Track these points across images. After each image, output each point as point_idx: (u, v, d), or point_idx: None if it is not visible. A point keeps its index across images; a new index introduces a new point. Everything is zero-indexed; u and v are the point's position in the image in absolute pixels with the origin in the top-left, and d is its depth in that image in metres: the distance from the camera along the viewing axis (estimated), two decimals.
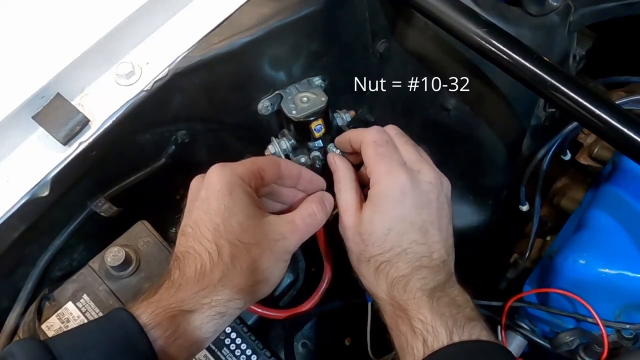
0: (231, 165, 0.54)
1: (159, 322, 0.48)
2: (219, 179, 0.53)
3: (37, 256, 0.60)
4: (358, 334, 0.83)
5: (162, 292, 0.50)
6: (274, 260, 0.53)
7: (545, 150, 0.78)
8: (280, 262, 0.54)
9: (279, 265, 0.54)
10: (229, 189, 0.52)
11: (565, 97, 0.57)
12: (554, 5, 0.71)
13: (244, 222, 0.51)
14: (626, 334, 0.68)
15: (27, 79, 0.54)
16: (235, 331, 0.62)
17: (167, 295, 0.49)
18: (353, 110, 0.72)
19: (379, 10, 0.73)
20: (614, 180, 0.75)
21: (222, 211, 0.51)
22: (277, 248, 0.53)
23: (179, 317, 0.48)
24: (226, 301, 0.50)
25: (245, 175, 0.54)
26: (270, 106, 0.68)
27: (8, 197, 0.54)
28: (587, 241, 0.71)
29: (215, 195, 0.52)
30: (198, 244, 0.51)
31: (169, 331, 0.48)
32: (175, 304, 0.49)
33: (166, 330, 0.47)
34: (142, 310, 0.48)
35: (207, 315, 0.50)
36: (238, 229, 0.51)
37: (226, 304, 0.50)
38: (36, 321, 0.58)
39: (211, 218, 0.51)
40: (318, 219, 0.57)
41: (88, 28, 0.57)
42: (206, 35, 0.60)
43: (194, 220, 0.52)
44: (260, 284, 0.53)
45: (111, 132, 0.57)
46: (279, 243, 0.53)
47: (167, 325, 0.48)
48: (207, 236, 0.51)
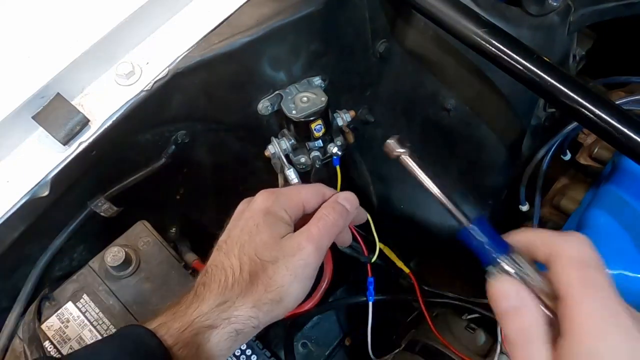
0: (277, 192, 0.56)
1: (181, 340, 0.48)
2: (262, 202, 0.54)
3: (37, 256, 0.60)
4: (358, 334, 0.83)
5: (184, 304, 0.51)
6: (289, 278, 0.51)
7: (545, 150, 0.78)
8: (297, 281, 0.52)
9: (295, 284, 0.52)
10: (265, 212, 0.54)
11: (565, 97, 0.57)
12: (554, 5, 0.71)
13: (266, 241, 0.52)
14: None
15: (27, 79, 0.54)
16: None
17: (190, 310, 0.50)
18: (353, 110, 0.72)
19: (379, 10, 0.73)
20: (614, 180, 0.75)
21: (251, 230, 0.53)
22: (293, 264, 0.52)
23: (200, 335, 0.49)
24: (244, 319, 0.50)
25: (287, 205, 0.55)
26: (270, 106, 0.68)
27: (8, 197, 0.54)
28: None
29: (253, 216, 0.54)
30: (226, 259, 0.52)
31: (192, 350, 0.48)
32: (197, 319, 0.49)
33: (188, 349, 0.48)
34: (162, 327, 0.49)
35: (226, 331, 0.50)
36: (260, 247, 0.52)
37: (244, 322, 0.50)
38: (36, 321, 0.58)
39: (241, 236, 0.53)
40: (330, 219, 0.55)
41: (88, 28, 0.57)
42: (206, 35, 0.60)
43: (229, 237, 0.54)
44: (274, 304, 0.52)
45: (111, 132, 0.57)
46: (295, 258, 0.52)
47: (189, 343, 0.48)
48: (234, 252, 0.52)
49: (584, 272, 0.35)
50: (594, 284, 0.35)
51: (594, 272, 0.35)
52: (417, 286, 0.82)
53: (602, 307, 0.34)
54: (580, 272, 0.35)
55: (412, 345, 0.85)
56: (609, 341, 0.33)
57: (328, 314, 1.10)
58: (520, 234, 0.40)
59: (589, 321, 0.34)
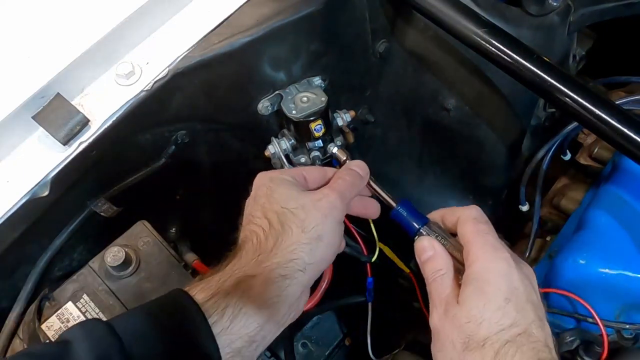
0: (274, 170, 0.59)
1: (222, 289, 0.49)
2: (262, 177, 0.57)
3: (37, 256, 0.60)
4: (358, 334, 0.83)
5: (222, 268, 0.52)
6: (322, 217, 0.53)
7: (545, 151, 0.78)
8: (330, 219, 0.54)
9: (329, 222, 0.53)
10: (271, 179, 0.56)
11: (565, 97, 0.57)
12: (554, 5, 0.71)
13: (285, 193, 0.55)
14: (626, 334, 0.68)
15: (27, 79, 0.54)
16: None
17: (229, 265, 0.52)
18: (353, 110, 0.72)
19: (379, 10, 0.73)
20: (614, 180, 0.75)
21: (265, 193, 0.55)
22: (322, 205, 0.54)
23: (243, 282, 0.49)
24: (285, 262, 0.51)
25: (287, 173, 0.57)
26: (270, 106, 0.68)
27: (8, 197, 0.54)
28: (587, 241, 0.71)
29: (260, 187, 0.56)
30: (253, 225, 0.54)
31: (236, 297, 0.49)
32: (237, 270, 0.51)
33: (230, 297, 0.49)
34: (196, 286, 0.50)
35: (270, 277, 0.50)
36: (281, 199, 0.54)
37: (286, 266, 0.51)
38: (36, 321, 0.58)
39: (258, 202, 0.55)
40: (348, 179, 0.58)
41: (88, 28, 0.57)
42: (206, 35, 0.60)
43: (247, 213, 0.56)
44: (315, 242, 0.52)
45: (111, 132, 0.57)
46: (322, 201, 0.54)
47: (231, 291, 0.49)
48: (258, 215, 0.54)
49: (477, 225, 0.53)
50: (483, 231, 0.52)
51: (483, 225, 0.53)
52: (417, 286, 0.82)
53: (489, 244, 0.51)
54: (474, 226, 0.53)
55: (412, 345, 0.85)
56: (494, 262, 0.50)
57: (328, 314, 1.10)
58: (436, 211, 0.58)
59: (480, 252, 0.50)
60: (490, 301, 0.47)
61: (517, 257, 0.51)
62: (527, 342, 0.46)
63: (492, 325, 0.47)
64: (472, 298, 0.48)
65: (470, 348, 0.47)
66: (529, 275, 0.51)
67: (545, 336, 0.47)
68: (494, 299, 0.47)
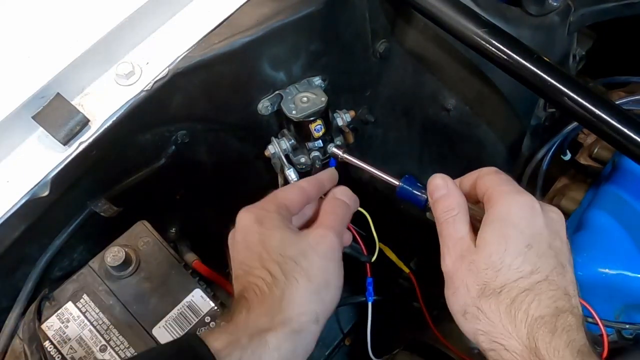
0: (255, 205, 0.55)
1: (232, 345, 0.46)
2: (247, 218, 0.53)
3: (37, 256, 0.60)
4: (358, 334, 0.83)
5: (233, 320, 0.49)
6: (325, 262, 0.51)
7: (545, 150, 0.78)
8: (332, 263, 0.52)
9: (332, 266, 0.52)
10: (258, 221, 0.53)
11: (565, 97, 0.57)
12: (554, 5, 0.71)
13: (283, 240, 0.52)
14: (626, 334, 0.68)
15: (27, 79, 0.54)
16: None
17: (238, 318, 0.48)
18: (353, 110, 0.72)
19: (379, 10, 0.73)
20: (614, 180, 0.75)
21: (259, 240, 0.52)
22: (322, 249, 0.52)
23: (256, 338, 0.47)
24: (297, 316, 0.49)
25: (271, 209, 0.54)
26: (270, 106, 0.68)
27: (8, 197, 0.54)
28: (587, 241, 0.71)
29: (249, 232, 0.53)
30: (251, 277, 0.51)
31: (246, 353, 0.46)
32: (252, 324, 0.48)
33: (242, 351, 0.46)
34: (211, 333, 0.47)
35: (283, 333, 0.48)
36: (278, 245, 0.51)
37: (299, 320, 0.49)
38: (36, 321, 0.58)
39: (253, 250, 0.52)
40: (338, 212, 0.56)
41: (88, 28, 0.57)
42: (206, 35, 0.60)
43: (240, 262, 0.53)
44: (324, 289, 0.51)
45: (111, 132, 0.57)
46: (321, 245, 0.52)
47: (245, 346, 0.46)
48: (256, 266, 0.51)
49: (498, 175, 0.51)
50: (506, 179, 0.50)
51: (505, 176, 0.51)
52: (417, 286, 0.82)
53: (513, 189, 0.49)
54: (496, 175, 0.51)
55: (412, 345, 0.85)
56: (518, 204, 0.48)
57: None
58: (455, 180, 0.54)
59: (503, 194, 0.48)
60: (511, 246, 0.45)
61: (543, 203, 0.49)
62: (547, 290, 0.44)
63: (512, 272, 0.45)
64: (492, 242, 0.46)
65: (486, 294, 0.45)
66: (556, 220, 0.49)
67: (566, 283, 0.46)
68: (516, 244, 0.46)
